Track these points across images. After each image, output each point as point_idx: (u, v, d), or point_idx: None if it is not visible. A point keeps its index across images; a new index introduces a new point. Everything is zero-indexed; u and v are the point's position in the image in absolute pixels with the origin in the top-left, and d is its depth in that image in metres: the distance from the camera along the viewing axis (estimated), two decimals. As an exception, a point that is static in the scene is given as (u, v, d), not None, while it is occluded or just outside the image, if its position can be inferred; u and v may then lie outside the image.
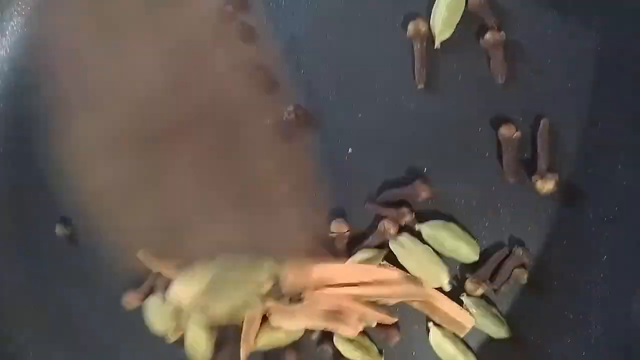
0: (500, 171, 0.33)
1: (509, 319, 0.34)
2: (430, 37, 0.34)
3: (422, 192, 0.34)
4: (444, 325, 0.34)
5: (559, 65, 0.32)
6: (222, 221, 0.34)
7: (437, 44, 0.34)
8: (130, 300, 0.40)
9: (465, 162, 0.34)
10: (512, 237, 0.34)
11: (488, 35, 0.33)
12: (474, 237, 0.34)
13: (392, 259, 0.35)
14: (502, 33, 0.33)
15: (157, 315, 0.39)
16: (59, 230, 0.41)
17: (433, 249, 0.34)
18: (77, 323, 0.42)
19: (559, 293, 0.33)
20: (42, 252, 0.43)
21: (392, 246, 0.35)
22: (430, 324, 0.35)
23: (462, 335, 0.34)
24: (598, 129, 0.32)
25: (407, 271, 0.34)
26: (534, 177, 0.33)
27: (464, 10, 0.33)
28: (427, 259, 0.34)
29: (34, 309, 0.43)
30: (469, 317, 0.34)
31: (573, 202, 0.32)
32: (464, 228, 0.34)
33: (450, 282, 0.34)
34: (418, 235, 0.34)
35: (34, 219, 0.43)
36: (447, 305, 0.34)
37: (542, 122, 0.32)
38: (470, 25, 0.33)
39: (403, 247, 0.34)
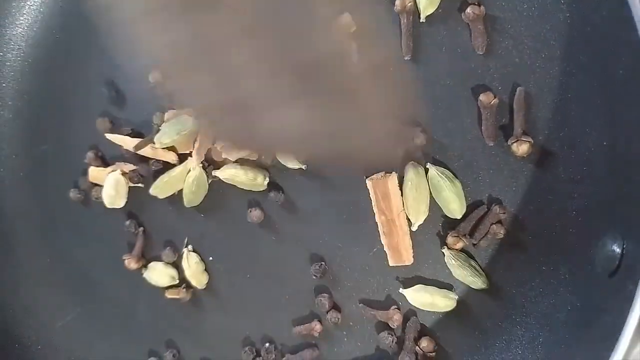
0: (480, 136, 0.36)
1: (487, 271, 0.37)
2: (416, 11, 0.37)
3: (417, 139, 0.37)
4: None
5: (534, 38, 0.35)
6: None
7: (422, 18, 0.37)
8: (128, 263, 0.43)
9: (448, 128, 0.37)
10: (491, 196, 0.37)
11: (469, 10, 0.35)
12: (466, 199, 0.37)
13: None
14: (482, 7, 0.35)
15: (156, 276, 0.43)
16: (73, 194, 0.44)
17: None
18: (87, 278, 0.46)
19: (532, 246, 0.36)
20: (56, 214, 0.46)
21: (408, 169, 0.37)
22: (403, 290, 0.38)
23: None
24: (569, 96, 0.34)
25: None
26: (510, 140, 0.35)
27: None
28: (422, 196, 0.37)
29: (50, 266, 0.47)
30: (410, 254, 0.38)
31: (546, 164, 0.35)
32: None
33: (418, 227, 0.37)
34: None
35: (48, 185, 0.46)
36: (402, 232, 0.37)
37: (517, 90, 0.35)
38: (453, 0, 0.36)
39: (414, 176, 0.37)
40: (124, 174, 0.42)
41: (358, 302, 0.40)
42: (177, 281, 0.43)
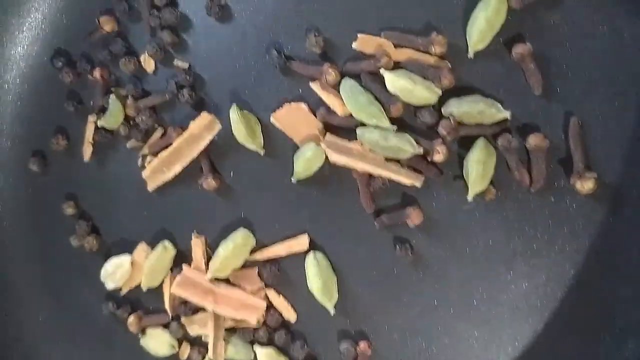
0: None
1: (548, 333, 0.34)
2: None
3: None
4: None
5: (609, 83, 0.31)
6: None
7: (470, 54, 0.33)
8: (131, 324, 0.40)
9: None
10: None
11: (515, 49, 0.32)
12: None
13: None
14: (528, 45, 0.31)
15: (154, 344, 0.40)
16: (74, 242, 0.41)
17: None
18: (93, 324, 0.42)
19: (596, 312, 0.32)
20: (57, 258, 0.42)
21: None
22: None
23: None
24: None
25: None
26: (572, 178, 0.32)
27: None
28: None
29: (54, 312, 0.43)
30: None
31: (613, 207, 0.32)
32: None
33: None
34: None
35: (50, 220, 0.42)
36: None
37: (571, 120, 0.32)
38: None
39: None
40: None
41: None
42: (177, 350, 0.40)
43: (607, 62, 0.31)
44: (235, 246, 0.37)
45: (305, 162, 0.35)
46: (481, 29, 0.32)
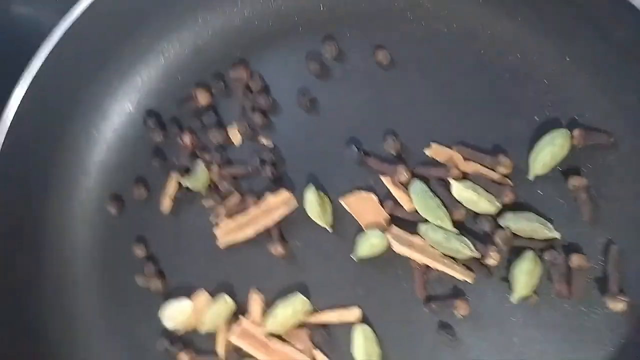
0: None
1: None
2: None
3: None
4: None
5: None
6: None
7: (530, 177, 0.37)
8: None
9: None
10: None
11: (571, 181, 0.37)
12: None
13: None
14: (584, 179, 0.36)
15: None
16: (140, 281, 0.44)
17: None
18: (140, 353, 0.45)
19: None
20: (120, 292, 0.45)
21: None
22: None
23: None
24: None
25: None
26: (606, 297, 0.36)
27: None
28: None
29: (107, 336, 0.46)
30: None
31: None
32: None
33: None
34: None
35: (116, 266, 0.45)
36: None
37: (612, 248, 0.36)
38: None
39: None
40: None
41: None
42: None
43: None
44: (294, 310, 0.41)
45: (369, 246, 0.39)
46: (545, 159, 0.36)
